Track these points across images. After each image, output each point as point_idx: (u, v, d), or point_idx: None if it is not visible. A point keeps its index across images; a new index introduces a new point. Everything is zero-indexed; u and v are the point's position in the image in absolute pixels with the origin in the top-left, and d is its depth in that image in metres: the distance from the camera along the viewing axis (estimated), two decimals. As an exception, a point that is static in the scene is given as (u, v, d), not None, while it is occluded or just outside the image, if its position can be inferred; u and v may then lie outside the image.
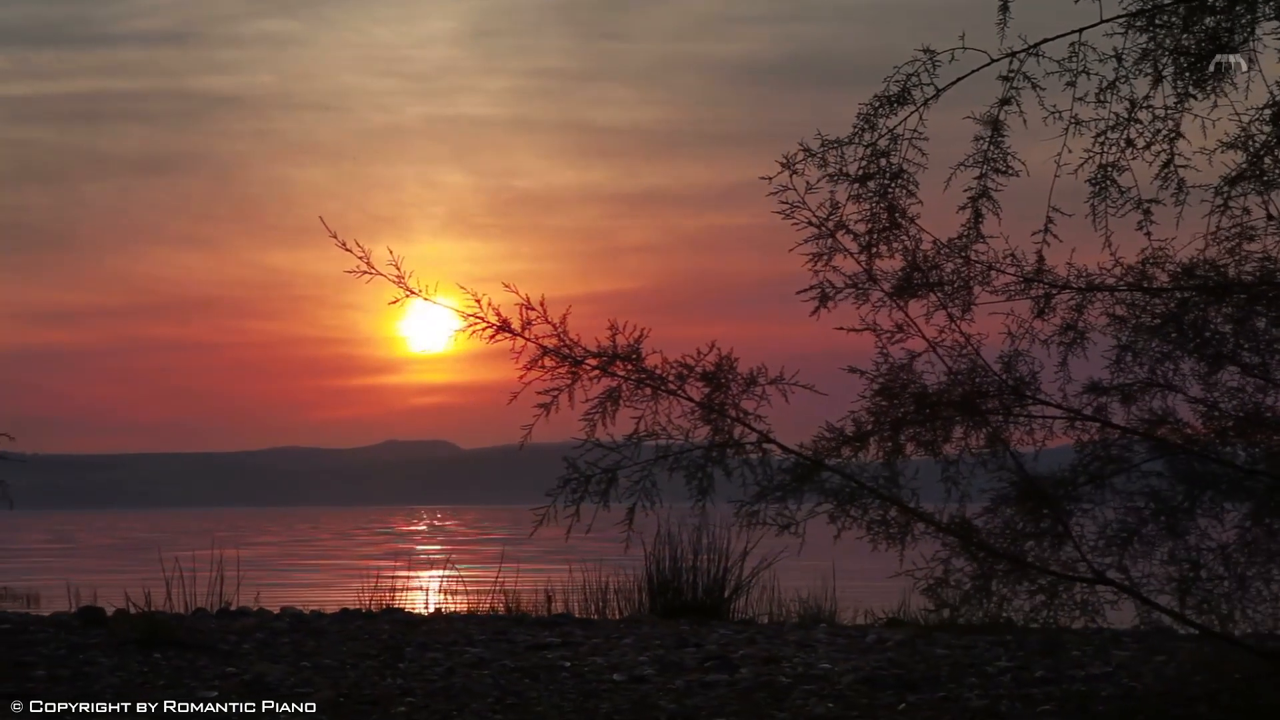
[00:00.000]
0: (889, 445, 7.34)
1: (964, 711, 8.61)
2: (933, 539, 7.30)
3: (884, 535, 7.12)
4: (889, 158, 7.28)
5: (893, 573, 7.40)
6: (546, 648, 11.50)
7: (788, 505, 7.03)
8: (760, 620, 14.92)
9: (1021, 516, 7.20)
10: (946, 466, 7.43)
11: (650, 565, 15.40)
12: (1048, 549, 7.14)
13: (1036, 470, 7.72)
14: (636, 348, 6.93)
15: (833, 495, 7.07)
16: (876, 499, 7.04)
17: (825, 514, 7.12)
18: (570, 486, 7.10)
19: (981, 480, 7.47)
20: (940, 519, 7.24)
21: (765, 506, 6.99)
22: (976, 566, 7.12)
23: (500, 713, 8.80)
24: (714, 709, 8.86)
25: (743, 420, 6.84)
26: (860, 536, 7.21)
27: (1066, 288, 7.81)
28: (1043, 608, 7.25)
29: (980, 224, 7.35)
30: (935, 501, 7.59)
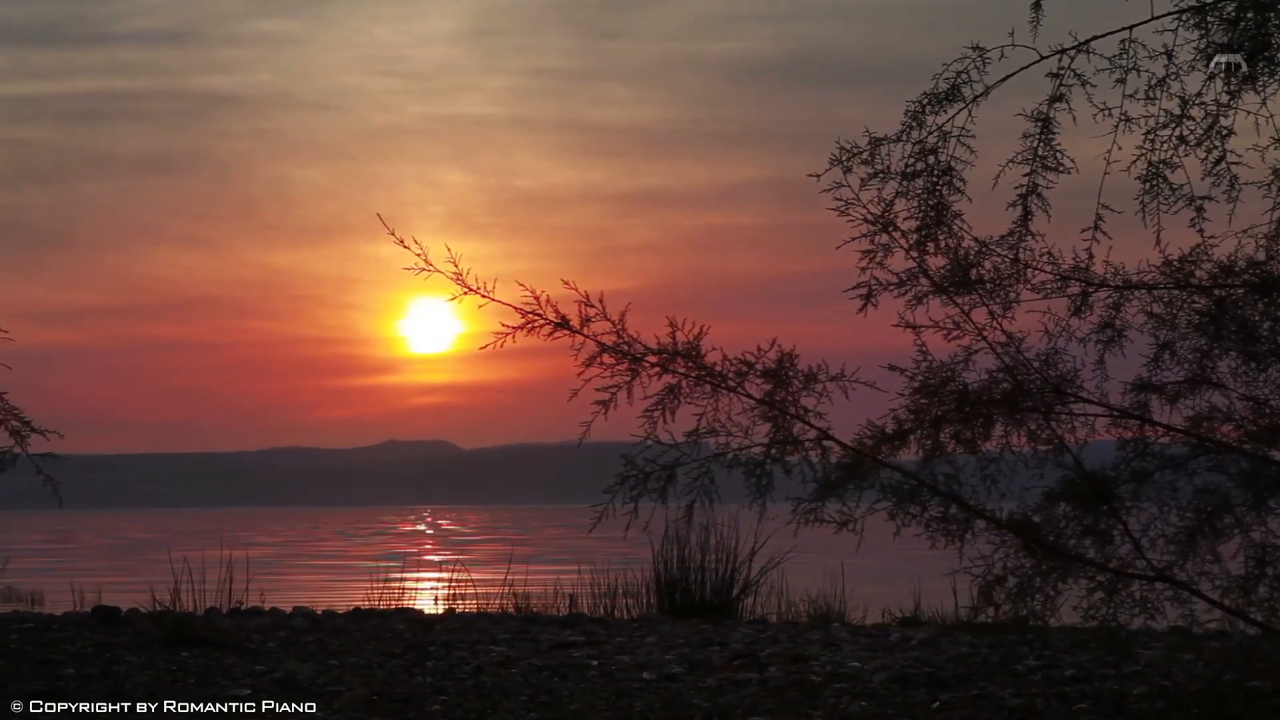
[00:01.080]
0: (929, 443, 7.33)
1: (1000, 710, 8.60)
2: (978, 537, 7.29)
3: (943, 533, 7.11)
4: (937, 155, 7.28)
5: (950, 570, 7.39)
6: (571, 646, 11.50)
7: (846, 503, 7.01)
8: (769, 619, 14.92)
9: (1078, 513, 7.18)
10: (986, 464, 7.41)
11: (659, 565, 15.41)
12: (1104, 546, 7.13)
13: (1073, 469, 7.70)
14: (696, 345, 6.91)
15: (892, 492, 7.05)
16: (936, 496, 7.03)
17: (884, 511, 7.11)
18: (628, 484, 7.07)
19: (1023, 478, 7.46)
20: (1000, 516, 7.22)
21: (824, 504, 6.98)
22: (1035, 563, 7.10)
23: (534, 710, 8.79)
24: (748, 707, 8.86)
25: (802, 417, 6.83)
26: (918, 534, 7.19)
27: (1104, 285, 7.80)
28: (1101, 605, 7.24)
29: (1029, 221, 7.35)
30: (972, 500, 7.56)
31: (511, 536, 68.46)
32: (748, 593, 15.46)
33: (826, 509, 7.06)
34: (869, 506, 7.14)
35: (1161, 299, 7.76)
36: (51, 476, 9.09)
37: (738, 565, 15.38)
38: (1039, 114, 7.34)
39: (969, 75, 7.24)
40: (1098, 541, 7.21)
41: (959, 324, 7.30)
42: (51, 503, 9.27)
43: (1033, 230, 7.41)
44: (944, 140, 7.27)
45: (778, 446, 6.82)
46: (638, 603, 15.44)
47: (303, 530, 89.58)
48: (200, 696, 9.04)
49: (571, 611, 15.07)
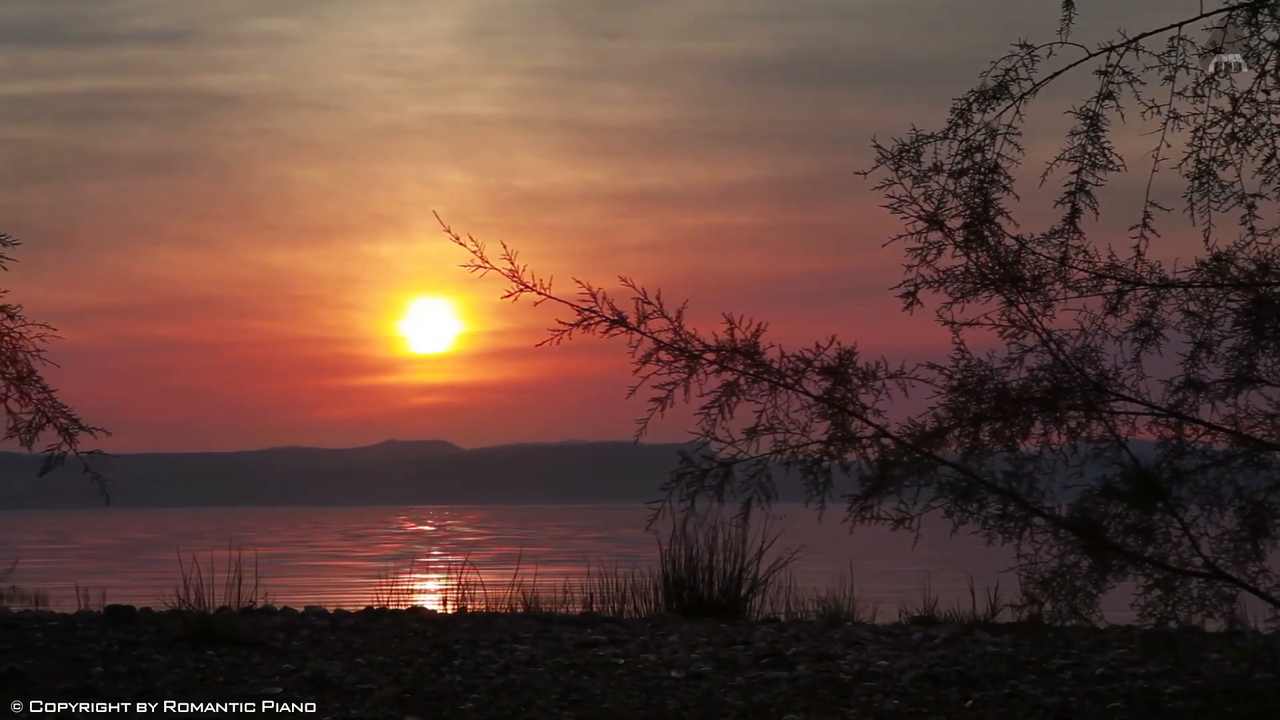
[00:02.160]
0: (968, 441, 7.32)
1: (1035, 709, 8.60)
2: (1025, 535, 7.26)
3: (1001, 530, 7.09)
4: (984, 153, 7.27)
5: (1006, 568, 7.37)
6: (595, 645, 11.49)
7: (904, 500, 7.01)
8: (779, 619, 14.91)
9: (1132, 510, 7.17)
10: (1024, 462, 7.40)
11: (666, 565, 15.40)
12: (1161, 544, 7.11)
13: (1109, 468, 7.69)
14: (754, 342, 6.90)
15: (950, 490, 7.04)
16: (994, 493, 7.02)
17: (940, 508, 7.10)
18: (685, 481, 7.05)
19: (1061, 476, 7.45)
20: (1059, 514, 7.20)
21: (879, 501, 6.96)
22: (1092, 561, 7.09)
23: (567, 709, 8.79)
24: (780, 705, 8.85)
25: (860, 415, 6.82)
26: (975, 531, 7.17)
27: (1140, 284, 7.80)
28: (1159, 603, 7.22)
29: (1077, 219, 7.34)
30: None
31: (515, 536, 68.44)
32: (756, 592, 15.46)
33: (881, 506, 7.04)
34: (925, 504, 7.12)
35: (1198, 297, 7.75)
36: (100, 475, 9.11)
37: (745, 564, 15.38)
38: (1088, 111, 7.33)
39: (1017, 72, 7.25)
40: (1152, 539, 7.19)
41: (1015, 322, 7.28)
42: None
43: (1079, 228, 7.39)
44: (991, 138, 7.27)
45: (836, 444, 6.79)
46: (646, 602, 15.43)
47: (304, 530, 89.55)
48: (231, 695, 9.04)
49: (588, 611, 15.07)
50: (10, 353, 8.85)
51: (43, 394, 8.98)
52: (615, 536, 65.61)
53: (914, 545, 7.09)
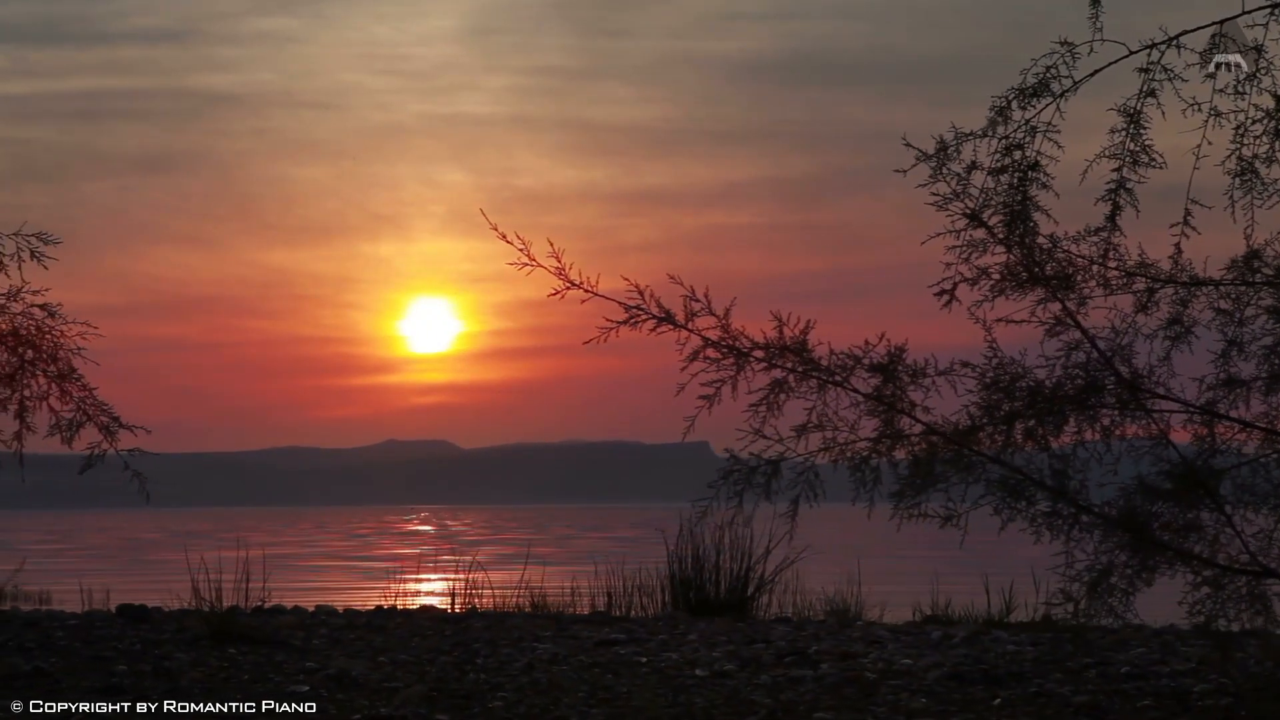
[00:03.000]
0: (1001, 439, 7.31)
1: (1065, 708, 8.59)
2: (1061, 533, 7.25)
3: (1049, 527, 7.08)
4: (1024, 150, 7.26)
5: (1051, 566, 7.36)
6: (615, 644, 11.48)
7: (950, 498, 6.99)
8: (791, 619, 14.91)
9: (1178, 507, 7.16)
10: (1069, 460, 7.39)
11: (673, 564, 15.41)
12: (1210, 542, 7.10)
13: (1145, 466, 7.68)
14: (803, 340, 6.88)
15: (998, 487, 7.03)
16: (1043, 491, 7.01)
17: (989, 506, 7.09)
18: (733, 479, 7.03)
19: (1096, 474, 7.44)
20: (1108, 512, 7.19)
21: (927, 499, 6.95)
22: (1140, 558, 7.08)
23: (596, 707, 8.79)
24: (809, 703, 8.84)
25: (909, 412, 6.81)
26: (1022, 529, 7.16)
27: (1171, 281, 7.79)
28: (1207, 601, 7.21)
29: (1118, 216, 7.34)
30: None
31: (517, 536, 68.43)
32: (763, 591, 15.46)
33: (928, 504, 7.03)
34: (974, 502, 7.11)
35: (1229, 295, 7.74)
36: (140, 473, 9.11)
37: (752, 564, 15.38)
38: (1129, 109, 7.32)
39: (1057, 70, 7.24)
40: (1201, 536, 7.17)
41: (1060, 319, 7.27)
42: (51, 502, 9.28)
43: (1120, 225, 7.39)
44: (1031, 135, 7.26)
45: (885, 441, 6.78)
46: (653, 601, 15.43)
47: (306, 530, 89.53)
48: (257, 693, 9.03)
49: (599, 610, 15.06)
50: (51, 351, 8.86)
51: (84, 391, 8.99)
52: (620, 536, 65.68)
53: (961, 543, 7.08)
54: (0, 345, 8.83)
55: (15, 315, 8.85)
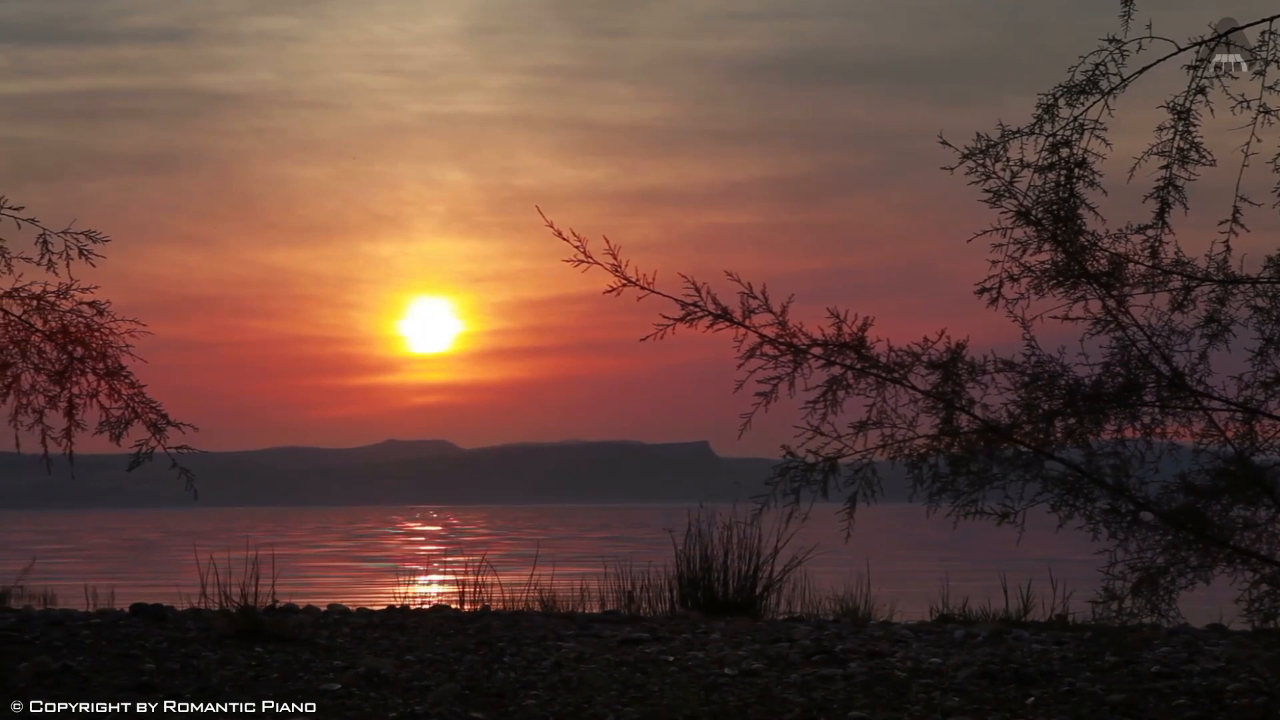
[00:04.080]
0: (1041, 437, 7.30)
1: (1100, 706, 8.58)
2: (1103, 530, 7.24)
3: (1107, 525, 7.07)
4: (1071, 148, 7.25)
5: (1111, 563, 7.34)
6: (639, 643, 11.48)
7: (1007, 495, 6.98)
8: (802, 616, 14.91)
9: (1237, 504, 7.14)
10: (1117, 457, 7.38)
11: (681, 564, 15.40)
12: (1268, 539, 7.09)
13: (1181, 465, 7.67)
14: (862, 337, 6.87)
15: (1057, 484, 7.02)
16: (1102, 488, 7.00)
17: (1047, 503, 7.08)
18: (789, 476, 7.02)
19: (1138, 471, 7.42)
20: (1166, 509, 7.18)
21: (984, 496, 6.94)
22: (1198, 556, 7.07)
23: (629, 705, 8.78)
24: (842, 702, 8.84)
25: (968, 410, 6.80)
26: (1080, 526, 7.16)
27: (1208, 280, 7.79)
28: (1266, 598, 7.20)
29: (1167, 214, 7.33)
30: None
31: (517, 536, 68.43)
32: (771, 590, 15.45)
33: (985, 502, 7.02)
34: (1032, 499, 7.10)
35: (1266, 292, 7.73)
36: (187, 470, 9.11)
37: (760, 563, 15.38)
38: (1179, 106, 7.31)
39: (1105, 67, 7.22)
40: (1257, 534, 7.16)
41: (1114, 316, 7.26)
42: (56, 501, 9.28)
43: (1169, 223, 7.38)
44: (1079, 133, 7.25)
45: (944, 438, 6.77)
46: (661, 601, 15.42)
47: (308, 530, 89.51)
48: (289, 692, 9.03)
49: (610, 609, 15.05)
50: (100, 348, 8.85)
51: (132, 389, 8.99)
52: (627, 536, 65.66)
53: (1018, 542, 7.08)
54: (49, 343, 8.83)
55: (65, 313, 8.85)
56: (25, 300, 8.86)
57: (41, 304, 8.84)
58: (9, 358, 8.86)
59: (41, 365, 8.93)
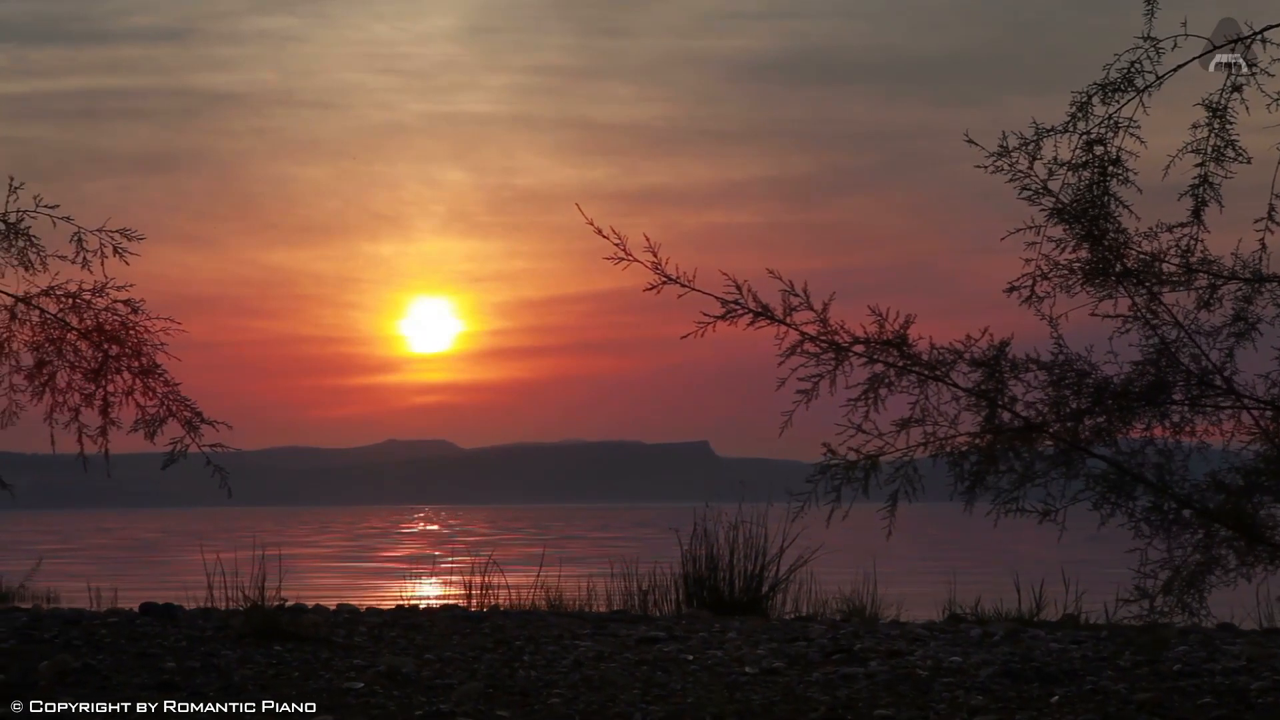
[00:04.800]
0: (1068, 437, 7.28)
1: (1126, 704, 8.57)
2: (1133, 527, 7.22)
3: (1148, 523, 7.05)
4: (1105, 146, 7.24)
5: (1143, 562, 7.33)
6: (656, 642, 11.47)
7: (1050, 493, 6.97)
8: (811, 615, 14.91)
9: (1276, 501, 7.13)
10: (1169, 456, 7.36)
11: (687, 564, 15.41)
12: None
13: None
14: (904, 334, 6.86)
15: (1099, 482, 7.01)
16: (1143, 485, 6.98)
17: (1089, 501, 7.07)
18: (830, 474, 7.00)
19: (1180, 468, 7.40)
20: (1208, 506, 7.16)
21: (1025, 493, 6.93)
22: (1241, 554, 7.06)
23: (653, 703, 8.77)
24: (867, 701, 8.83)
25: (1009, 407, 6.79)
26: (1121, 524, 7.15)
27: (1234, 278, 7.78)
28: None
29: (1203, 212, 7.32)
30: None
31: (519, 536, 68.46)
32: (777, 590, 15.46)
33: (1027, 500, 7.01)
34: (1073, 497, 7.09)
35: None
36: (222, 468, 9.10)
37: (766, 563, 15.38)
38: (1214, 104, 7.30)
39: (1140, 65, 7.21)
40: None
41: (1155, 314, 7.25)
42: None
43: (1204, 221, 7.36)
44: (1114, 131, 7.24)
45: (986, 436, 6.75)
46: (667, 600, 15.42)
47: (310, 530, 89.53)
48: (311, 691, 9.02)
49: (620, 609, 15.05)
50: (135, 346, 8.84)
51: (167, 387, 8.98)
52: (628, 536, 65.67)
53: (1059, 538, 7.07)
54: (85, 341, 8.82)
55: (100, 311, 8.84)
56: (61, 299, 8.87)
57: (77, 302, 8.84)
58: (45, 356, 8.86)
59: (77, 363, 8.93)
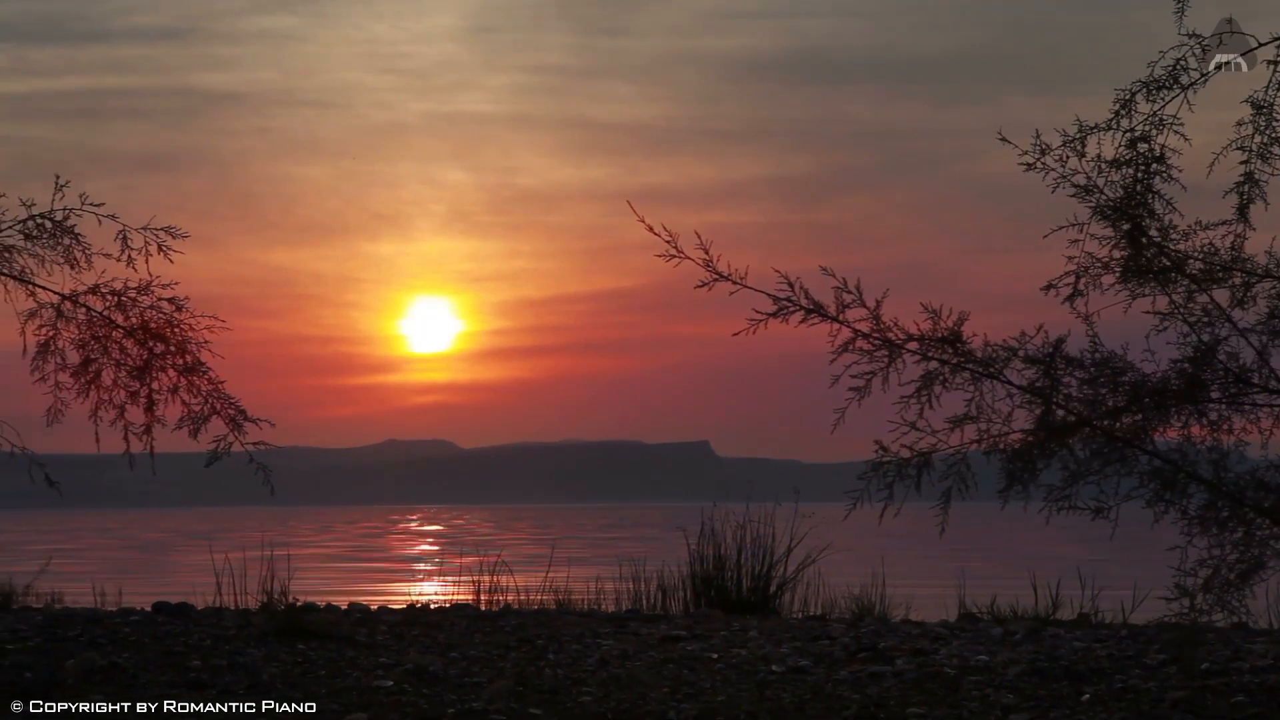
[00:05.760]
0: (1123, 434, 7.26)
1: (1159, 703, 8.56)
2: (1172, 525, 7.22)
3: (1201, 521, 7.04)
4: (1149, 143, 7.23)
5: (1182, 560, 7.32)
6: (679, 640, 11.46)
7: (1103, 490, 6.96)
8: (823, 615, 14.90)
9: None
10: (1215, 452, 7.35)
11: (695, 563, 15.39)
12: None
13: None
14: (958, 331, 6.86)
15: (1154, 478, 6.99)
16: (1197, 483, 6.97)
17: (1142, 499, 7.06)
18: (883, 471, 6.99)
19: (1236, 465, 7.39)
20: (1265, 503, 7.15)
21: (1077, 490, 6.92)
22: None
23: (684, 701, 8.76)
24: (897, 699, 8.82)
25: (1064, 405, 6.77)
26: (1174, 521, 7.13)
27: (1267, 276, 7.77)
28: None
29: (1248, 209, 7.31)
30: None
31: (522, 536, 68.49)
32: (785, 589, 15.45)
33: (1079, 497, 6.99)
34: (1126, 494, 7.08)
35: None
36: (265, 466, 9.10)
37: (774, 562, 15.38)
38: (1260, 101, 7.28)
39: (1185, 63, 7.20)
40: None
41: (1209, 311, 7.23)
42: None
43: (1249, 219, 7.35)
44: (1159, 128, 7.23)
45: (1041, 433, 6.74)
46: (674, 599, 15.42)
47: (311, 530, 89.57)
48: (339, 689, 9.01)
49: (632, 608, 15.05)
50: (180, 344, 8.84)
51: (211, 385, 8.97)
52: (630, 536, 65.70)
53: (1111, 536, 7.06)
54: (130, 339, 8.82)
55: (145, 309, 8.83)
56: (106, 296, 8.87)
57: (123, 300, 8.84)
58: (92, 353, 8.85)
59: (123, 361, 8.93)
